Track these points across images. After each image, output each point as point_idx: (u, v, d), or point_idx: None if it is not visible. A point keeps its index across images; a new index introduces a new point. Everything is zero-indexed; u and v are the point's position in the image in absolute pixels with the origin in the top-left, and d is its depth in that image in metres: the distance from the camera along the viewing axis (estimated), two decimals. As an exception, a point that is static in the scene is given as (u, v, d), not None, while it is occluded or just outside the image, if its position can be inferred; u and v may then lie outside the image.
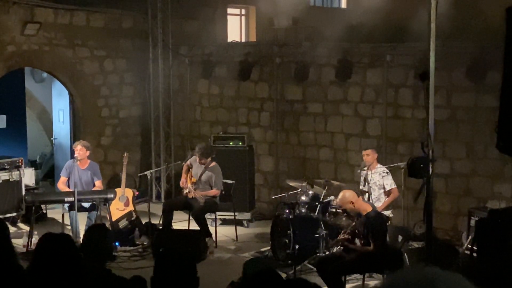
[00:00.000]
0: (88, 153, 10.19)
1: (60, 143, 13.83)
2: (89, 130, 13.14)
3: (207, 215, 10.23)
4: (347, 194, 7.63)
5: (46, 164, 15.12)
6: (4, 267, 3.96)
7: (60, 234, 4.41)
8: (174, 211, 10.27)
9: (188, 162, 10.55)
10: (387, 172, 9.33)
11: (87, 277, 3.84)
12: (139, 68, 13.53)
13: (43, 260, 3.77)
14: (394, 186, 9.26)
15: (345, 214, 8.40)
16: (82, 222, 9.83)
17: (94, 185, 10.21)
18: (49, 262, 3.73)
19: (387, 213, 9.03)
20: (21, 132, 13.79)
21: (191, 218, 10.22)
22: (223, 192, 10.36)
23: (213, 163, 10.25)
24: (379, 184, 9.28)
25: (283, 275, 8.23)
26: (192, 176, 10.30)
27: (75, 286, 3.70)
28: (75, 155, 10.12)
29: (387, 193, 9.30)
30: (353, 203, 7.53)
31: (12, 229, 9.72)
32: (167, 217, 10.09)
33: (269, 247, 9.47)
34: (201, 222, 9.91)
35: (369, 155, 9.39)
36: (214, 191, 10.15)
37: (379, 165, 9.45)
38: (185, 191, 10.28)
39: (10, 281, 3.86)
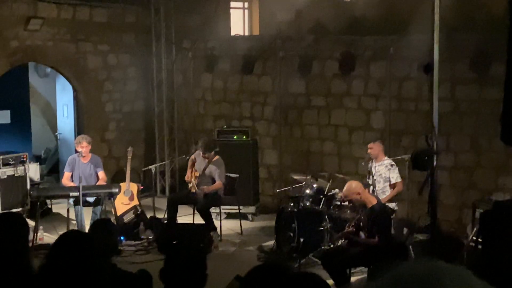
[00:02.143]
0: (90, 147, 10.25)
1: (65, 138, 13.86)
2: (93, 125, 13.16)
3: (212, 209, 10.24)
4: (353, 185, 7.62)
5: (51, 159, 15.15)
6: (16, 265, 3.98)
7: (80, 232, 4.44)
8: (179, 205, 10.29)
9: (193, 156, 10.54)
10: (393, 165, 9.30)
11: (93, 272, 3.85)
12: (143, 63, 13.54)
13: (60, 259, 3.77)
14: (399, 179, 9.24)
15: (350, 205, 8.39)
16: (87, 217, 9.85)
17: (97, 177, 10.24)
18: (66, 262, 3.74)
19: (392, 205, 9.02)
20: (26, 128, 13.82)
21: (195, 212, 10.22)
22: (225, 185, 10.32)
23: (216, 157, 10.24)
24: (384, 177, 9.26)
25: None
26: (195, 170, 10.30)
27: (83, 282, 3.71)
28: (79, 150, 10.13)
29: (392, 186, 9.28)
30: (359, 194, 7.51)
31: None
32: (172, 211, 10.10)
33: (273, 241, 9.49)
34: (206, 216, 9.92)
35: (372, 148, 9.38)
36: (217, 184, 10.11)
37: (385, 158, 9.42)
38: (190, 185, 10.29)
39: (20, 280, 3.88)
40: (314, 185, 9.61)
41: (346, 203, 8.93)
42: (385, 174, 9.27)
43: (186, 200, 10.45)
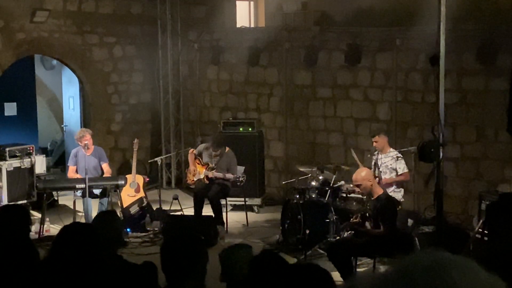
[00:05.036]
0: (92, 139, 10.27)
1: (71, 130, 13.86)
2: (99, 117, 13.18)
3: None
4: (365, 172, 7.69)
5: (57, 151, 15.19)
6: (21, 255, 4.00)
7: (83, 224, 4.44)
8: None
9: (194, 151, 10.51)
10: (399, 157, 9.29)
11: (97, 263, 3.86)
12: (148, 54, 13.53)
13: (64, 250, 3.78)
14: (406, 170, 9.23)
15: (358, 190, 8.33)
16: (94, 209, 9.87)
17: (102, 169, 10.26)
18: (70, 253, 3.75)
19: (398, 197, 9.01)
20: (32, 120, 13.85)
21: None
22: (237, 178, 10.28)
23: (228, 149, 10.27)
24: (391, 168, 9.25)
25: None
26: (203, 164, 10.28)
27: (87, 273, 3.72)
28: (85, 143, 10.12)
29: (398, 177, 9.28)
30: (371, 181, 7.56)
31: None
32: (199, 206, 10.05)
33: (279, 233, 9.49)
34: (217, 207, 9.94)
35: (377, 142, 9.36)
36: (230, 175, 10.08)
37: (391, 149, 9.41)
38: (196, 177, 10.25)
39: (26, 269, 3.90)
40: (320, 177, 9.60)
41: (352, 194, 8.93)
42: (392, 165, 9.26)
43: (205, 193, 10.24)
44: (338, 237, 8.58)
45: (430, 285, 1.24)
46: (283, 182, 11.44)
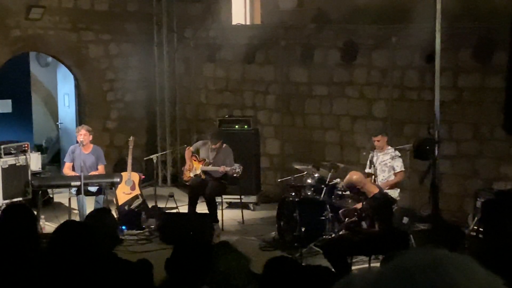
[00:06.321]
0: (91, 137, 10.19)
1: (66, 128, 13.85)
2: (94, 114, 13.14)
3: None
4: (354, 177, 7.64)
5: (52, 148, 15.16)
6: (29, 256, 3.99)
7: (77, 223, 4.43)
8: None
9: (191, 148, 10.50)
10: (398, 155, 9.28)
11: (91, 260, 3.85)
12: (144, 52, 13.50)
13: (58, 248, 3.77)
14: (402, 169, 9.24)
15: (352, 194, 8.36)
16: (89, 206, 9.85)
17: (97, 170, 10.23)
18: (64, 251, 3.74)
19: (394, 195, 9.01)
20: (27, 117, 13.80)
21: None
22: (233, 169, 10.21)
23: (224, 145, 10.28)
24: (389, 166, 9.24)
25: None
26: (199, 160, 10.27)
27: (84, 272, 3.71)
28: (80, 140, 10.08)
29: (395, 175, 9.28)
30: (361, 187, 7.54)
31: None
32: (193, 203, 10.04)
33: (275, 230, 9.49)
34: (213, 205, 9.93)
35: (379, 141, 9.34)
36: (227, 168, 10.05)
37: (389, 147, 9.41)
38: (192, 173, 10.24)
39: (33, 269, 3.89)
40: (316, 175, 9.60)
41: (348, 192, 8.93)
42: (390, 163, 9.25)
43: (201, 189, 10.24)
44: (333, 235, 8.57)
45: (428, 283, 1.23)
46: (279, 180, 11.42)
